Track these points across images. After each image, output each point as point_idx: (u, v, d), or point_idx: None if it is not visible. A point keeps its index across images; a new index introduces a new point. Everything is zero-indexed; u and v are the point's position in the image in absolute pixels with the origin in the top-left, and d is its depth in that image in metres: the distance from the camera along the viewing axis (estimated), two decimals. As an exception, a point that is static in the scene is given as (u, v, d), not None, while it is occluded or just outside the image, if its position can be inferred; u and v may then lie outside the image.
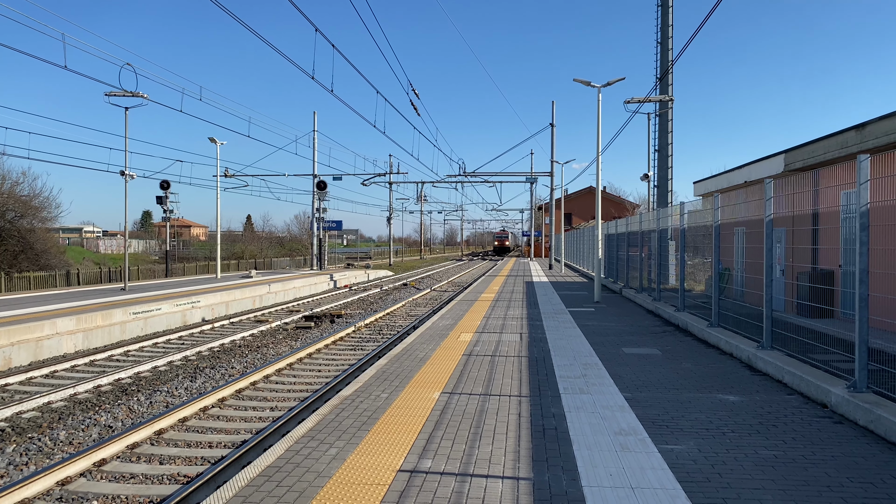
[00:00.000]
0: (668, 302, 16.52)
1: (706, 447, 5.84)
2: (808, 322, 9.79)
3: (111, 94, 22.11)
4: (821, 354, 8.47)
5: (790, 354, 9.06)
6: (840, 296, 11.04)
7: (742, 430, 6.40)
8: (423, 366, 9.60)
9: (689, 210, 15.10)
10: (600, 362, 9.90)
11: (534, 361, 9.99)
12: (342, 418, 6.80)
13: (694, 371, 9.34)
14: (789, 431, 6.36)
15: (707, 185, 23.17)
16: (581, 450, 5.74)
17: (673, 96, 24.64)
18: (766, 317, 9.67)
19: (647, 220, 19.54)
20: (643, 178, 29.54)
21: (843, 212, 10.04)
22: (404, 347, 11.27)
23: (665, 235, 17.12)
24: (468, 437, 6.15)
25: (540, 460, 5.48)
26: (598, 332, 13.21)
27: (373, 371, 9.23)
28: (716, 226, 12.23)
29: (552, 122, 43.03)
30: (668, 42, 25.02)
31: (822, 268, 13.48)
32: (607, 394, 7.85)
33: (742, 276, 12.56)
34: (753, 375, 9.04)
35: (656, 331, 13.64)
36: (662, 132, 25.92)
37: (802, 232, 13.13)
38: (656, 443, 5.95)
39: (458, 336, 12.63)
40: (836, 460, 5.53)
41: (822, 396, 7.40)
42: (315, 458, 5.57)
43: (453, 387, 8.23)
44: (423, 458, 5.55)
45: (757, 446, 5.88)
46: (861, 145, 13.24)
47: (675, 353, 10.81)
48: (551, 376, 8.88)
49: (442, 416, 6.87)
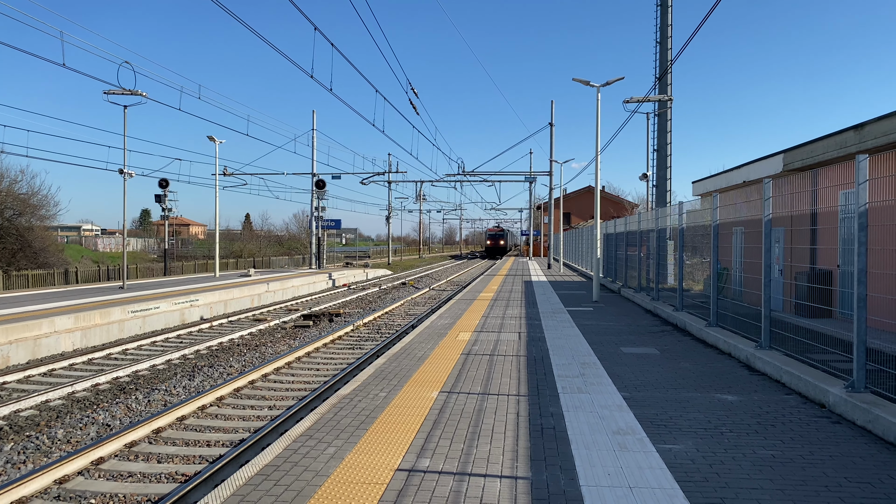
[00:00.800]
0: (667, 301, 16.52)
1: (704, 447, 5.84)
2: (806, 322, 9.79)
3: (110, 92, 22.09)
4: (819, 354, 8.47)
5: (788, 354, 9.07)
6: (838, 296, 11.04)
7: (740, 429, 6.40)
8: (421, 365, 9.60)
9: (688, 210, 15.10)
10: (599, 362, 9.90)
11: (532, 361, 9.98)
12: (340, 417, 6.79)
13: (692, 370, 9.34)
14: (787, 431, 6.36)
15: (706, 184, 23.18)
16: (579, 449, 5.74)
17: (672, 96, 24.64)
18: (765, 316, 9.67)
19: (646, 219, 19.55)
20: (642, 177, 29.56)
21: (841, 212, 10.04)
22: (403, 346, 11.26)
23: (664, 235, 17.13)
24: (466, 436, 6.15)
25: (538, 459, 5.48)
26: (597, 332, 13.21)
27: (371, 370, 9.23)
28: (714, 225, 12.23)
29: (551, 122, 43.04)
30: (667, 42, 25.01)
31: (821, 268, 13.49)
32: (606, 393, 7.86)
33: (740, 276, 12.56)
34: (752, 375, 9.04)
35: (655, 330, 13.65)
36: (661, 132, 25.91)
37: (801, 232, 13.13)
38: (654, 442, 5.95)
39: (457, 335, 12.62)
40: (833, 460, 5.53)
41: (820, 396, 7.41)
42: (313, 457, 5.56)
43: (452, 386, 8.23)
44: (421, 457, 5.55)
45: (755, 446, 5.89)
46: (860, 145, 13.24)
47: (674, 353, 10.82)
48: (550, 375, 8.88)
49: (440, 415, 6.87)
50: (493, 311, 16.89)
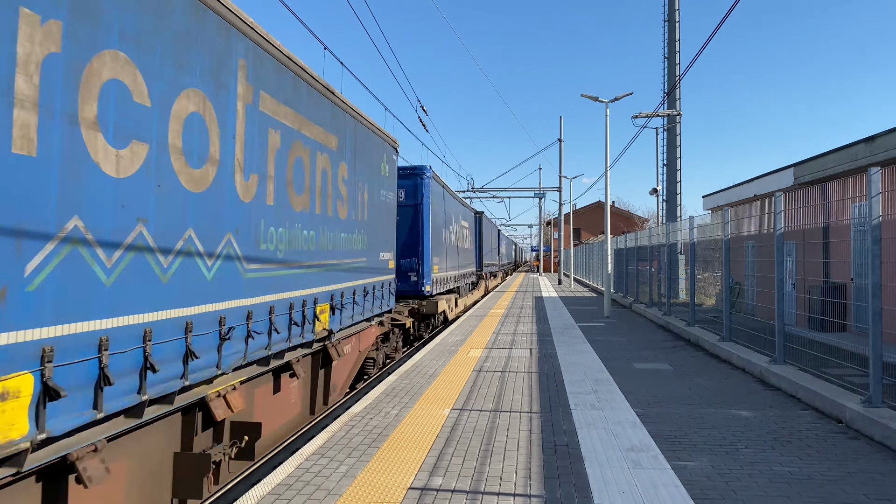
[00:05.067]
0: (679, 316, 16.43)
1: (720, 463, 5.78)
2: (820, 336, 9.71)
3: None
4: (834, 369, 8.39)
5: (803, 369, 8.98)
6: (852, 309, 10.96)
7: (756, 445, 6.33)
8: (432, 382, 9.57)
9: (699, 224, 15.07)
10: (611, 378, 9.84)
11: (544, 377, 9.93)
12: (352, 435, 6.77)
13: (706, 386, 9.26)
14: (804, 447, 6.28)
15: (716, 198, 23.13)
16: (593, 467, 5.69)
17: (681, 111, 24.68)
18: (779, 331, 9.60)
19: (657, 234, 19.51)
20: (652, 192, 29.53)
21: (854, 225, 9.99)
22: (414, 363, 11.24)
23: (675, 250, 17.08)
24: (479, 454, 6.11)
25: (551, 477, 5.44)
26: (609, 348, 13.14)
27: (382, 387, 9.21)
28: (726, 240, 12.19)
29: (560, 138, 43.16)
30: (675, 57, 25.11)
31: (834, 281, 13.39)
32: (619, 410, 7.80)
33: (753, 290, 12.49)
34: (766, 390, 8.95)
35: (667, 345, 13.56)
36: (671, 147, 25.94)
37: (813, 245, 13.06)
38: (669, 459, 5.89)
39: (468, 352, 12.59)
40: (852, 476, 5.45)
41: (836, 411, 7.32)
42: (325, 476, 5.54)
43: (463, 403, 8.19)
44: (433, 475, 5.52)
45: (772, 462, 5.82)
46: (871, 158, 13.19)
47: (687, 368, 10.73)
48: (562, 392, 8.83)
49: (452, 432, 6.83)
50: (504, 328, 16.84)
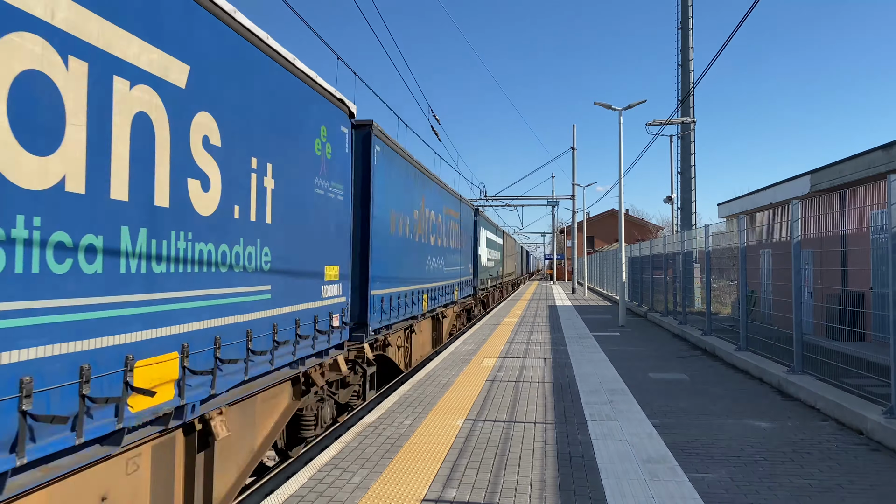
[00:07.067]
0: (695, 325, 16.28)
1: (738, 475, 5.69)
2: (839, 345, 9.55)
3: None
4: (854, 379, 8.25)
5: (822, 379, 8.85)
6: (872, 318, 10.78)
7: (775, 457, 6.23)
8: (446, 392, 9.53)
9: (714, 232, 14.94)
10: (627, 388, 9.75)
11: (559, 387, 9.86)
12: (365, 446, 6.74)
13: (723, 396, 9.15)
14: (824, 459, 6.18)
15: (731, 206, 22.96)
16: (609, 478, 5.62)
17: (695, 118, 24.56)
18: (797, 340, 9.47)
19: (672, 242, 19.37)
20: (666, 200, 29.38)
21: (872, 232, 9.86)
22: (427, 373, 11.19)
23: (690, 258, 16.95)
24: (493, 465, 6.06)
25: (567, 489, 5.37)
26: (624, 357, 13.03)
27: (395, 397, 9.17)
28: (742, 248, 12.07)
29: (573, 146, 43.09)
30: (688, 65, 25.01)
31: (852, 290, 13.21)
32: (635, 420, 7.71)
33: (769, 299, 12.35)
34: (784, 401, 8.83)
35: (683, 355, 13.43)
36: (685, 154, 25.80)
37: (831, 253, 12.90)
38: (686, 471, 5.80)
39: (481, 361, 12.53)
40: (875, 490, 5.35)
41: (857, 423, 7.20)
42: (338, 487, 5.51)
43: (477, 413, 8.14)
44: (447, 486, 5.47)
45: (791, 475, 5.72)
46: (889, 165, 13.04)
47: (704, 378, 10.62)
48: (577, 402, 8.75)
49: (466, 443, 6.78)
50: (517, 337, 16.76)
